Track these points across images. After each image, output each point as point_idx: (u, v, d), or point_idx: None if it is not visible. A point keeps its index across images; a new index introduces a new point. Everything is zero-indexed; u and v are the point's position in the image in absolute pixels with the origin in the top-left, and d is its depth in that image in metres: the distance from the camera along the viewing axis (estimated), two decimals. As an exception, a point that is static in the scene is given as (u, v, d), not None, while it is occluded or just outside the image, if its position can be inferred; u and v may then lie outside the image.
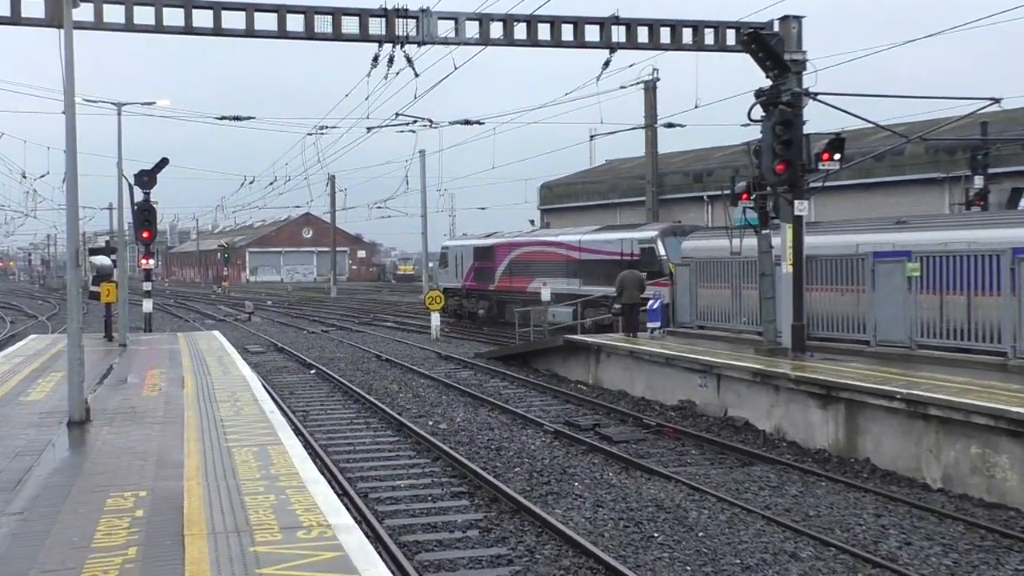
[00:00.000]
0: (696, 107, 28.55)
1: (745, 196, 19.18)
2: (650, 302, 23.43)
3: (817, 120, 18.81)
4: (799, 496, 12.48)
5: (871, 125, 19.67)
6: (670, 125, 36.02)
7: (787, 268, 18.53)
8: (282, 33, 18.21)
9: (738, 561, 9.84)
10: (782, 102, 17.94)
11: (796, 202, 18.21)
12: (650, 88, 40.18)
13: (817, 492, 12.71)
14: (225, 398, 14.26)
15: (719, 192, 28.19)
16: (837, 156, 17.94)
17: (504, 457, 14.96)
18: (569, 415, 18.76)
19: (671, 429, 16.78)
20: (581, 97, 38.69)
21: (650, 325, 23.30)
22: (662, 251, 30.38)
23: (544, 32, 19.24)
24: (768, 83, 18.28)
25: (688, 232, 30.55)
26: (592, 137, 42.00)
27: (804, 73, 18.99)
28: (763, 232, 19.25)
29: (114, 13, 17.58)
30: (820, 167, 17.97)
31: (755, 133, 18.50)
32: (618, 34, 19.44)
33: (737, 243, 22.90)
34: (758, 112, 18.18)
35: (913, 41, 39.68)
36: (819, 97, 18.16)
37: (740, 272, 21.43)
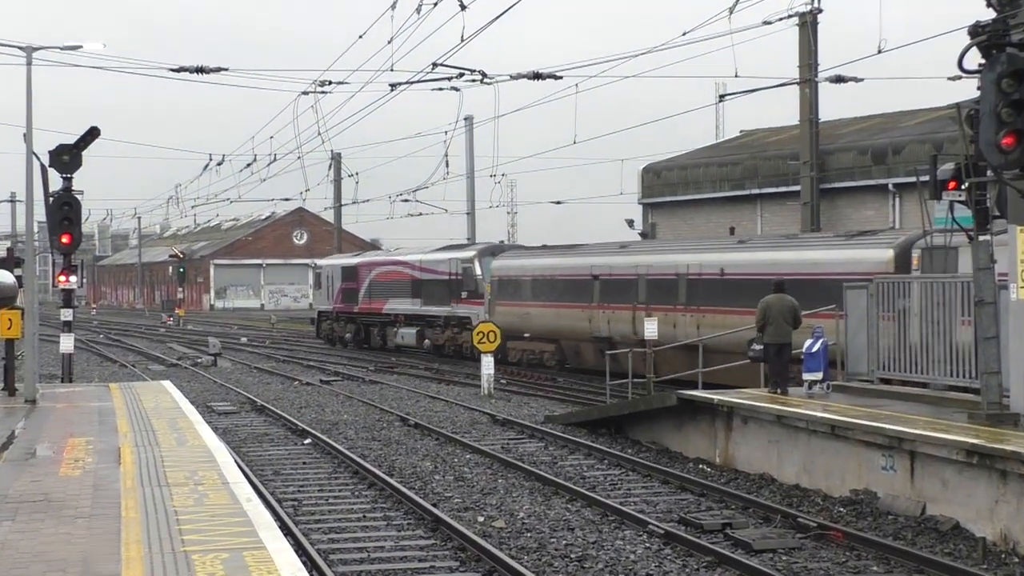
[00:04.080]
0: (879, 52, 28.31)
1: (953, 184, 19.01)
2: (808, 342, 23.21)
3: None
4: (1039, 639, 12.24)
5: None
6: (838, 79, 35.81)
7: (1018, 294, 18.29)
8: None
9: None
10: (1011, 43, 17.69)
11: (1032, 193, 17.95)
12: (808, 24, 39.95)
13: (1067, 633, 12.45)
14: (181, 480, 14.31)
15: (912, 178, 27.98)
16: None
17: (590, 572, 14.86)
18: (686, 509, 18.66)
19: (839, 533, 16.61)
20: (705, 39, 38.54)
21: (807, 377, 23.07)
22: (478, 271, 46.87)
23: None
24: (990, 14, 18.05)
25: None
26: (721, 98, 42.10)
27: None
28: (980, 238, 19.00)
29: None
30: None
31: (969, 91, 18.29)
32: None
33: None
34: (974, 59, 17.95)
35: None
36: (1068, 35, 17.87)
37: (944, 298, 21.21)
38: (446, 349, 49.61)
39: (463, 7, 19.67)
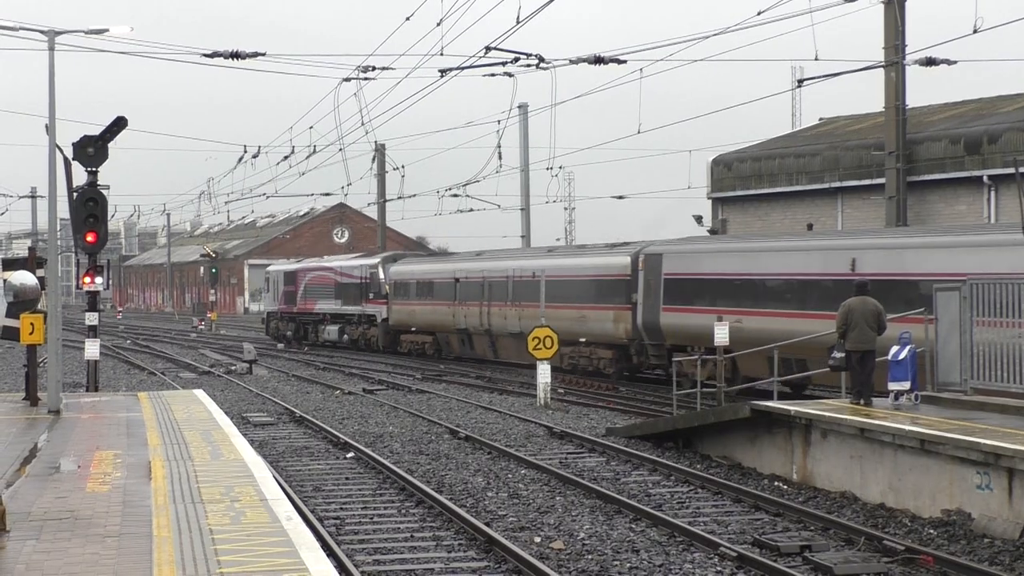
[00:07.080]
0: (975, 32, 28.07)
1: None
2: (894, 349, 23.01)
3: None
4: None
5: None
6: (928, 62, 35.51)
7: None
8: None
9: None
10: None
11: None
12: (895, 1, 39.71)
13: None
14: (216, 496, 14.42)
15: (1010, 170, 27.80)
16: None
17: (657, 598, 14.84)
18: (761, 530, 18.62)
19: (929, 557, 16.53)
20: (781, 19, 38.34)
21: (893, 386, 22.90)
22: (382, 275, 59.60)
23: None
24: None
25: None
26: (800, 83, 41.80)
27: None
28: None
29: None
30: None
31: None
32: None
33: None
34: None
35: None
36: None
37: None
38: (359, 343, 63.18)
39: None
